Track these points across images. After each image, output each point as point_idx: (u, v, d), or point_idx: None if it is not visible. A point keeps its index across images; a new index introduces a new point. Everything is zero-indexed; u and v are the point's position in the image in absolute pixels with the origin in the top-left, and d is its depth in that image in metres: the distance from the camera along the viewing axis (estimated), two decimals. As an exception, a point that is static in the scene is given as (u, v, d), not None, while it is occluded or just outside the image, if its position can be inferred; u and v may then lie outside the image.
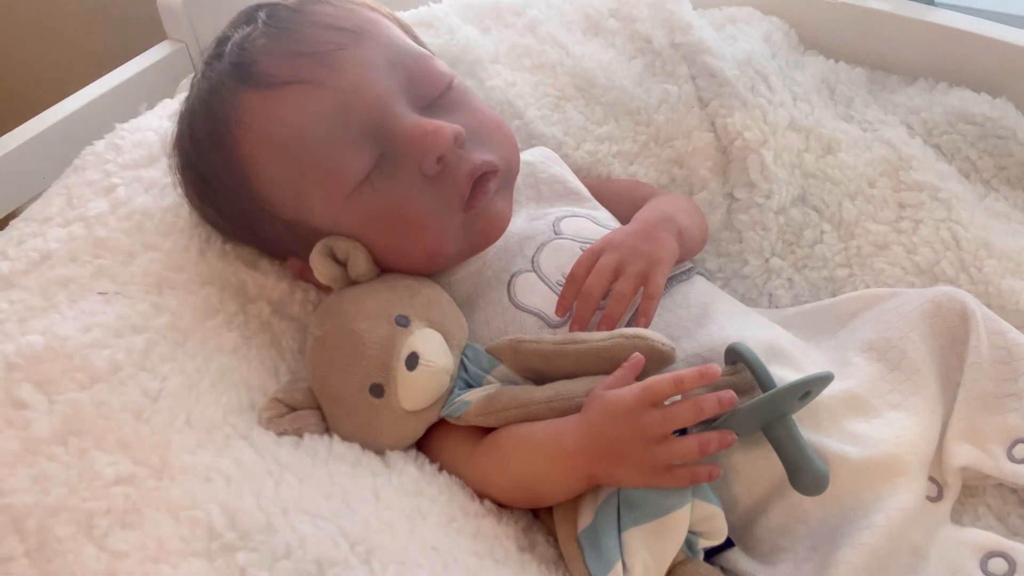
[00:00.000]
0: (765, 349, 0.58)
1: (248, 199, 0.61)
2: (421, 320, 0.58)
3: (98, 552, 0.46)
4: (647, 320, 0.59)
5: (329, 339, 0.57)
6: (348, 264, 0.59)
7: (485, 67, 0.83)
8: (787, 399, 0.52)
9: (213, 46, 0.64)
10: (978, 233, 0.70)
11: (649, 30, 0.84)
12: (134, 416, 0.52)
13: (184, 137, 0.64)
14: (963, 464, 0.58)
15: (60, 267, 0.60)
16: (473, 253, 0.65)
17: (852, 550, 0.52)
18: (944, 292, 0.63)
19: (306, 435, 0.56)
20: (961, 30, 0.80)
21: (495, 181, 0.62)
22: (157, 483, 0.49)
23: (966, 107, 0.78)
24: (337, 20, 0.61)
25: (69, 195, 0.67)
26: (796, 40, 0.87)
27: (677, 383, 0.51)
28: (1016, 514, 0.59)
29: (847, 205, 0.76)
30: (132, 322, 0.57)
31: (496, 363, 0.59)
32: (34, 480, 0.48)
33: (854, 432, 0.57)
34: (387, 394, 0.56)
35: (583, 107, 0.82)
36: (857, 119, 0.81)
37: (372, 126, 0.59)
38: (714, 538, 0.55)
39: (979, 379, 0.59)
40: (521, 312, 0.62)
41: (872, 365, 0.61)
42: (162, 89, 0.84)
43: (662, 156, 0.80)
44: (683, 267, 0.66)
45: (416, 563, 0.49)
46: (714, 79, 0.78)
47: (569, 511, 0.56)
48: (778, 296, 0.76)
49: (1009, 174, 0.77)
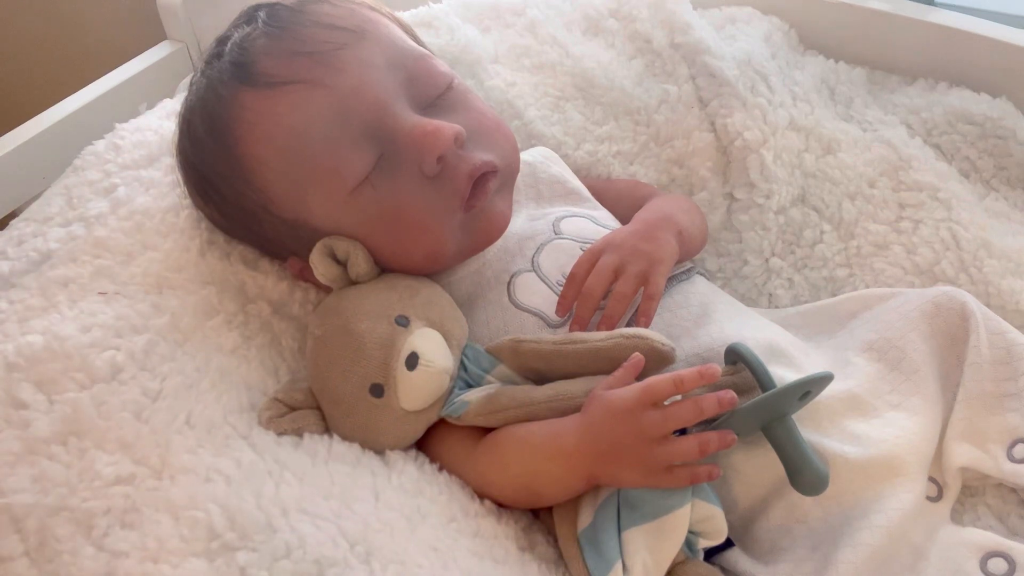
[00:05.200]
0: (765, 349, 0.58)
1: (248, 198, 0.61)
2: (421, 320, 0.58)
3: (98, 552, 0.46)
4: (647, 320, 0.59)
5: (329, 339, 0.57)
6: (348, 264, 0.59)
7: (485, 67, 0.83)
8: (787, 399, 0.52)
9: (213, 45, 0.64)
10: (978, 233, 0.70)
11: (649, 30, 0.84)
12: (134, 416, 0.52)
13: (184, 136, 0.64)
14: (963, 464, 0.58)
15: (60, 267, 0.60)
16: (473, 253, 0.65)
17: (852, 550, 0.52)
18: (944, 292, 0.63)
19: (306, 435, 0.56)
20: (961, 30, 0.80)
21: (495, 181, 0.62)
22: (157, 483, 0.49)
23: (966, 107, 0.78)
24: (337, 20, 0.61)
25: (69, 195, 0.67)
26: (796, 40, 0.87)
27: (677, 383, 0.51)
28: (1016, 514, 0.59)
29: (847, 205, 0.76)
30: (132, 322, 0.57)
31: (496, 363, 0.59)
32: (34, 480, 0.48)
33: (854, 432, 0.57)
34: (387, 394, 0.56)
35: (583, 107, 0.82)
36: (857, 119, 0.81)
37: (372, 126, 0.59)
38: (714, 538, 0.55)
39: (979, 379, 0.59)
40: (521, 312, 0.62)
41: (872, 365, 0.61)
42: (162, 89, 0.84)
43: (662, 156, 0.80)
44: (683, 267, 0.66)
45: (416, 563, 0.49)
46: (714, 79, 0.78)
47: (569, 511, 0.56)
48: (778, 296, 0.76)
49: (1009, 174, 0.77)
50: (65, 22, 1.19)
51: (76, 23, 1.18)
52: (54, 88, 0.88)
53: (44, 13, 1.19)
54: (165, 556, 0.46)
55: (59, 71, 1.21)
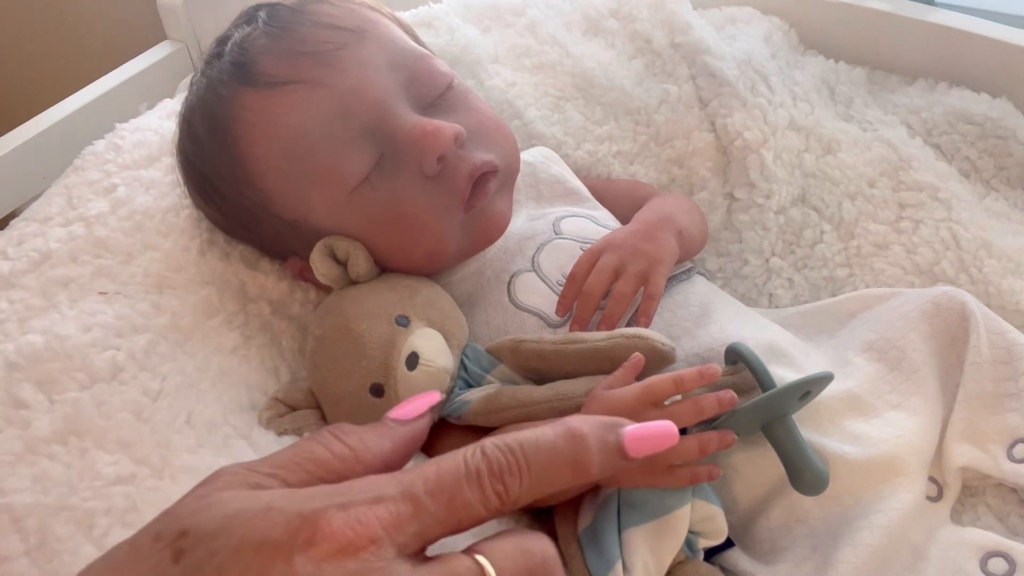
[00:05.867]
0: (765, 349, 0.58)
1: (248, 198, 0.61)
2: (421, 320, 0.58)
3: (98, 552, 0.46)
4: (647, 320, 0.59)
5: (329, 339, 0.57)
6: (348, 264, 0.60)
7: (485, 67, 0.83)
8: (787, 399, 0.52)
9: (213, 45, 0.64)
10: (978, 233, 0.70)
11: (649, 30, 0.84)
12: (134, 416, 0.52)
13: (184, 136, 0.64)
14: (963, 464, 0.58)
15: (60, 267, 0.60)
16: (473, 253, 0.65)
17: (852, 550, 0.52)
18: (944, 292, 0.63)
19: (306, 435, 0.56)
20: (961, 30, 0.80)
21: (495, 181, 0.62)
22: (157, 483, 0.49)
23: (966, 107, 0.78)
24: (337, 20, 0.61)
25: (69, 195, 0.67)
26: (796, 40, 0.88)
27: (677, 383, 0.51)
28: (1016, 514, 0.59)
29: (847, 205, 0.76)
30: (132, 322, 0.57)
31: (496, 363, 0.59)
32: (34, 480, 0.48)
33: (854, 432, 0.57)
34: (387, 394, 0.56)
35: (583, 107, 0.82)
36: (857, 119, 0.81)
37: (372, 126, 0.59)
38: (714, 538, 0.55)
39: (979, 379, 0.59)
40: (521, 312, 0.62)
41: (872, 365, 0.61)
42: (162, 89, 0.84)
43: (662, 156, 0.80)
44: (683, 267, 0.67)
45: (416, 563, 0.49)
46: (714, 79, 0.78)
47: (569, 511, 0.56)
48: (778, 296, 0.76)
49: (1009, 174, 0.77)
50: (65, 22, 1.19)
51: (76, 23, 1.18)
52: (54, 88, 0.88)
53: (44, 13, 1.19)
54: (165, 556, 0.46)
55: (59, 71, 1.21)
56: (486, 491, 0.31)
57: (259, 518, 0.28)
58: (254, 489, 0.30)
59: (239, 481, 0.31)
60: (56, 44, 1.21)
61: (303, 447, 0.33)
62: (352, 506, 0.29)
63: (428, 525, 0.30)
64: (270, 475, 0.31)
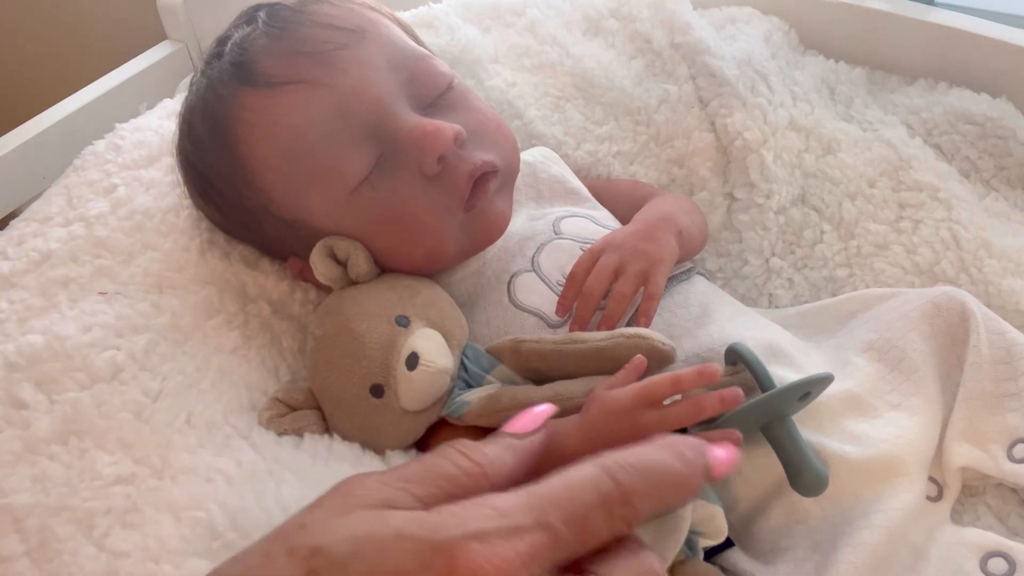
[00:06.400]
0: (765, 349, 0.58)
1: (248, 198, 0.61)
2: (421, 320, 0.58)
3: (98, 552, 0.46)
4: (647, 320, 0.59)
5: (329, 339, 0.57)
6: (348, 264, 0.60)
7: (485, 67, 0.83)
8: (787, 399, 0.52)
9: (213, 46, 0.64)
10: (978, 233, 0.70)
11: (649, 30, 0.84)
12: (134, 416, 0.52)
13: (184, 136, 0.64)
14: (963, 464, 0.58)
15: (60, 267, 0.60)
16: (473, 253, 0.65)
17: (852, 550, 0.52)
18: (944, 292, 0.63)
19: (306, 435, 0.56)
20: (961, 30, 0.80)
21: (495, 181, 0.62)
22: (158, 483, 0.49)
23: (966, 107, 0.78)
24: (337, 20, 0.61)
25: (69, 195, 0.67)
26: (796, 40, 0.87)
27: (675, 383, 0.51)
28: (1016, 514, 0.59)
29: (847, 205, 0.76)
30: (132, 322, 0.57)
31: (496, 363, 0.59)
32: (34, 480, 0.48)
33: (854, 432, 0.57)
34: (387, 394, 0.56)
35: (583, 107, 0.82)
36: (857, 119, 0.81)
37: (372, 126, 0.59)
38: (714, 538, 0.55)
39: (979, 379, 0.59)
40: (521, 312, 0.62)
41: (872, 365, 0.61)
42: (162, 89, 0.84)
43: (662, 156, 0.80)
44: (683, 267, 0.66)
45: (416, 563, 0.49)
46: (714, 79, 0.78)
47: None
48: (778, 296, 0.76)
49: (1009, 174, 0.77)
50: (65, 22, 1.19)
51: (76, 23, 1.18)
52: (54, 88, 0.88)
53: (44, 13, 1.19)
54: (166, 556, 0.46)
55: (59, 71, 1.21)
56: (614, 516, 0.31)
57: (391, 546, 0.28)
58: (386, 506, 0.30)
59: (373, 497, 0.30)
60: (56, 44, 1.21)
61: (431, 463, 0.33)
62: (489, 538, 0.28)
63: (561, 554, 0.30)
64: (401, 488, 0.31)
